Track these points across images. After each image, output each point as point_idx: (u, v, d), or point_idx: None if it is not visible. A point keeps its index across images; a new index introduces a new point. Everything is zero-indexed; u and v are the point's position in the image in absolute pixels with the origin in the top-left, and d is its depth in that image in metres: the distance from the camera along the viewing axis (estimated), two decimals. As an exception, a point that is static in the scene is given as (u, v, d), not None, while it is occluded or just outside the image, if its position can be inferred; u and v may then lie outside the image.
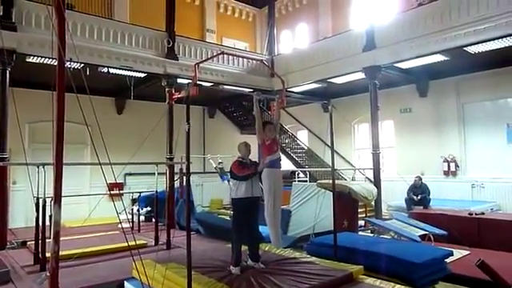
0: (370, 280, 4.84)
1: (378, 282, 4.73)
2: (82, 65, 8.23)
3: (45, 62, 8.79)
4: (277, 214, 5.21)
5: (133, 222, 9.43)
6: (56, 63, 3.06)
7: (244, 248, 5.33)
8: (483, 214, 8.05)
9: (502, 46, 8.67)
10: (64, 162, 3.04)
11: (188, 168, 4.28)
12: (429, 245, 6.90)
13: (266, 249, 6.35)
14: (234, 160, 5.36)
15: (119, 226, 6.82)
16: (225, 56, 12.13)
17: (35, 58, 8.77)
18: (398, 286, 4.60)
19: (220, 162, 13.08)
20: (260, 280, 4.61)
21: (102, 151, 3.65)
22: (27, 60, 8.81)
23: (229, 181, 13.26)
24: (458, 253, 6.36)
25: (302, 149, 14.48)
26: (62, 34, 3.05)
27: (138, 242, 5.83)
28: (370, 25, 10.55)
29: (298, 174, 13.24)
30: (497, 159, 10.63)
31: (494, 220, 7.58)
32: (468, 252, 6.49)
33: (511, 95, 10.57)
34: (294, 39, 16.08)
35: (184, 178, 10.51)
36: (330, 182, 6.76)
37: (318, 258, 5.75)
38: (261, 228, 7.95)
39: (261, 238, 5.85)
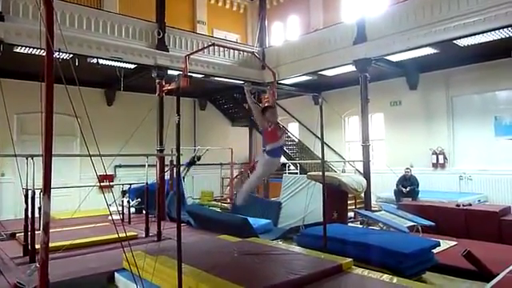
0: (358, 270, 4.91)
1: (366, 272, 4.80)
2: (71, 55, 8.14)
3: (33, 52, 8.67)
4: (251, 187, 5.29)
5: (123, 213, 9.39)
6: (44, 54, 3.02)
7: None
8: (470, 205, 8.18)
9: (491, 40, 8.77)
10: (53, 153, 3.01)
11: (178, 160, 4.28)
12: (417, 236, 7.00)
13: (257, 241, 6.41)
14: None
15: (109, 217, 6.82)
16: (216, 48, 12.08)
17: (23, 48, 8.65)
18: (386, 275, 4.68)
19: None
20: (250, 271, 4.65)
21: (91, 143, 3.63)
22: (15, 50, 8.69)
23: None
24: (445, 243, 6.48)
25: (293, 141, 14.53)
26: (51, 24, 3.00)
27: (128, 234, 5.84)
28: (361, 17, 10.58)
29: (288, 166, 13.29)
30: (484, 152, 10.77)
31: (480, 211, 7.70)
32: (455, 243, 6.61)
33: (499, 88, 10.69)
34: (286, 31, 15.99)
35: (174, 169, 10.49)
36: (320, 173, 6.80)
37: (308, 249, 5.82)
38: (252, 220, 8.07)
39: None
